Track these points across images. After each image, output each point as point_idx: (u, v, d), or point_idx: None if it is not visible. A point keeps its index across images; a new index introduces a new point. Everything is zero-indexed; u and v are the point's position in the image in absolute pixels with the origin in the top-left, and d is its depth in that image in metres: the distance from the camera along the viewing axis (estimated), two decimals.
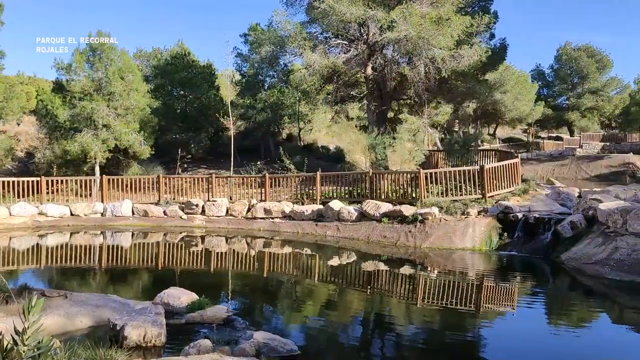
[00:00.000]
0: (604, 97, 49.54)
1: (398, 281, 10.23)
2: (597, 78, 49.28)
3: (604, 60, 49.28)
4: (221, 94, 29.00)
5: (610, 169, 34.08)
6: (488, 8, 22.15)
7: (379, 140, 19.10)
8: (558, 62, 51.06)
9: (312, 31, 21.95)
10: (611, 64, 49.84)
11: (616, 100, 50.17)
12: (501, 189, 14.77)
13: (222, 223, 16.46)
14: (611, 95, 50.29)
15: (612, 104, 50.00)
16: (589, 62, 48.32)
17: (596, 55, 49.16)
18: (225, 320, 6.60)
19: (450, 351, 6.30)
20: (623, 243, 9.99)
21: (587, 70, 48.34)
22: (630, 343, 6.70)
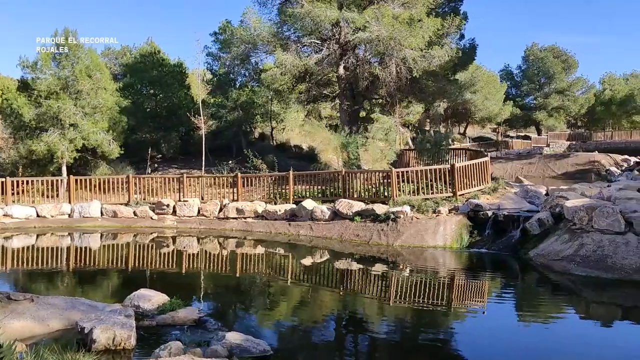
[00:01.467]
0: (570, 97, 50.72)
1: (371, 280, 10.28)
2: (563, 78, 50.44)
3: (569, 60, 50.48)
4: (192, 93, 28.68)
5: (577, 167, 34.90)
6: (458, 9, 22.42)
7: (351, 140, 19.17)
8: (526, 62, 52.10)
9: (284, 30, 21.88)
10: (576, 65, 51.10)
11: (582, 100, 51.44)
12: (471, 188, 14.99)
13: (193, 223, 16.28)
14: (577, 95, 51.52)
15: (578, 103, 51.23)
16: (555, 62, 49.43)
17: (562, 55, 50.33)
18: (197, 321, 6.53)
19: (423, 349, 6.35)
20: (588, 240, 10.23)
21: (554, 70, 49.44)
22: (596, 337, 6.88)
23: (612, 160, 35.62)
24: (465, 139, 50.01)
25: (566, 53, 50.65)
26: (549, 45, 51.08)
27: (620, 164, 34.88)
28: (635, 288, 8.80)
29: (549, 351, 6.20)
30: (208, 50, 29.44)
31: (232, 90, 28.31)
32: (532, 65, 51.02)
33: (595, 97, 51.41)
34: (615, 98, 48.79)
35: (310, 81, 22.55)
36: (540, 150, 40.64)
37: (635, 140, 42.31)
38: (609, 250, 9.75)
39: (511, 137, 53.36)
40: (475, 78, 39.83)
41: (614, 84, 51.48)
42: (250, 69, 25.46)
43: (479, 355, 6.14)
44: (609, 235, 10.05)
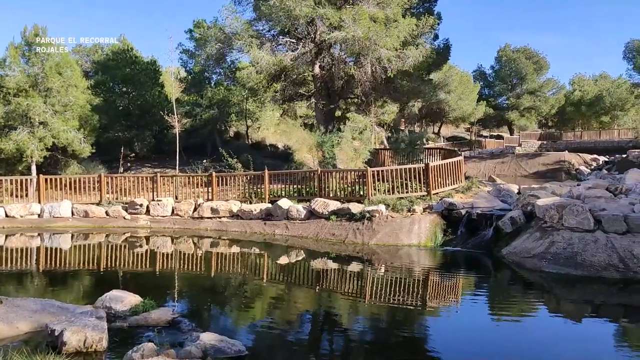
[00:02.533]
0: (541, 97, 51.71)
1: (346, 278, 10.30)
2: (535, 79, 51.40)
3: (540, 62, 51.45)
4: (166, 91, 28.33)
5: (548, 167, 35.56)
6: (432, 9, 22.65)
7: (326, 139, 19.18)
8: (498, 63, 52.92)
9: (260, 28, 21.78)
10: (547, 66, 52.12)
11: (552, 100, 52.50)
12: (445, 187, 15.15)
13: (167, 223, 16.09)
14: (548, 95, 52.57)
15: (549, 104, 52.26)
16: (527, 63, 50.32)
17: (534, 57, 51.26)
18: (171, 322, 6.46)
19: (397, 347, 6.39)
20: (559, 237, 10.43)
21: (525, 71, 50.33)
22: (567, 332, 7.02)
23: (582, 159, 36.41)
24: (440, 138, 50.55)
25: (537, 54, 51.61)
26: (521, 47, 52.01)
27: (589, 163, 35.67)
28: (604, 285, 9.01)
29: (520, 348, 6.31)
30: (183, 47, 29.19)
31: (207, 89, 28.07)
32: (504, 66, 51.83)
33: (566, 98, 52.58)
34: (584, 99, 50.01)
35: (286, 80, 22.50)
36: (512, 150, 41.30)
37: (604, 140, 43.34)
38: (578, 248, 9.95)
39: (484, 136, 54.19)
40: (449, 78, 40.32)
41: (584, 85, 52.76)
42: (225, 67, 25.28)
43: (453, 352, 6.20)
44: (579, 233, 10.25)
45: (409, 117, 45.37)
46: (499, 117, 53.75)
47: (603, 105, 48.65)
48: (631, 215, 9.96)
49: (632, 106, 48.66)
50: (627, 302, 8.35)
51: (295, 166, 21.01)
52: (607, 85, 50.81)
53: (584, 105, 49.84)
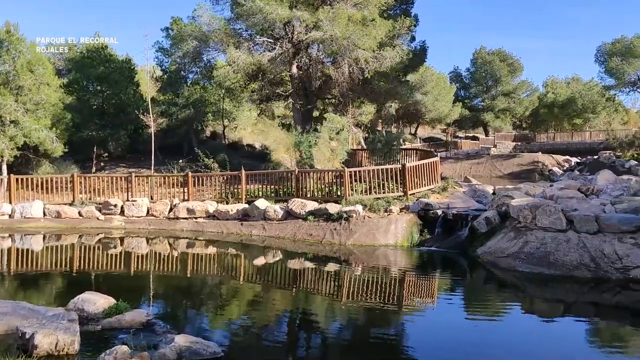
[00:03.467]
0: (515, 99, 52.49)
1: (323, 279, 10.29)
2: (509, 81, 52.14)
3: (515, 64, 52.21)
4: (141, 90, 27.96)
5: (522, 167, 36.15)
6: (409, 11, 22.80)
7: (304, 139, 19.16)
8: (474, 65, 53.54)
9: (237, 28, 21.64)
10: (522, 68, 52.93)
11: (526, 102, 53.35)
12: (422, 187, 15.26)
13: (142, 224, 15.88)
14: (522, 97, 53.37)
15: (523, 105, 53.09)
16: (502, 65, 51.02)
17: (508, 59, 52.00)
18: (145, 324, 6.36)
19: (374, 346, 6.41)
20: (532, 237, 10.59)
21: (500, 73, 51.02)
22: (540, 331, 7.12)
23: (555, 160, 37.11)
24: (416, 139, 50.94)
25: (512, 57, 52.36)
26: (496, 49, 52.68)
27: (562, 164, 36.37)
28: (575, 284, 9.17)
29: (494, 346, 6.39)
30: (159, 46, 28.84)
31: (184, 88, 27.78)
32: (480, 68, 52.47)
33: (539, 100, 53.51)
34: (557, 101, 50.97)
35: (263, 80, 22.42)
36: (487, 151, 41.84)
37: (576, 141, 44.21)
38: (551, 247, 10.11)
39: (460, 137, 54.74)
40: (426, 79, 40.68)
41: (557, 88, 53.77)
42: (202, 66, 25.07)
43: (429, 351, 6.24)
44: (552, 232, 10.42)
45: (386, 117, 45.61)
46: (474, 119, 54.40)
47: (575, 108, 49.62)
48: (602, 215, 10.17)
49: (603, 109, 49.73)
50: (598, 301, 8.52)
51: (272, 166, 20.95)
52: (579, 87, 51.86)
53: (556, 108, 50.77)
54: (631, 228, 9.68)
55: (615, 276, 9.11)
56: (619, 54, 36.70)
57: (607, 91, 43.26)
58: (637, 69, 36.14)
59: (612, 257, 9.40)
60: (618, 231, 9.78)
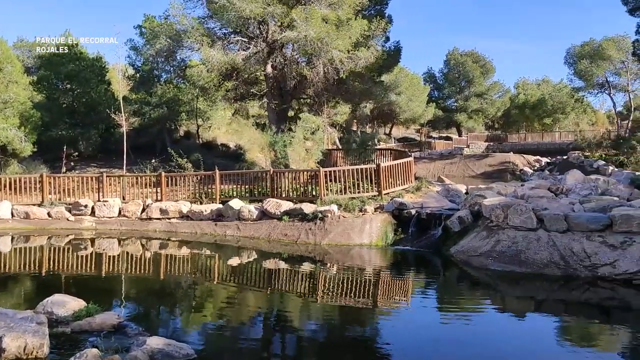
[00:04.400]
0: (487, 100, 53.27)
1: (298, 279, 10.27)
2: (482, 82, 52.90)
3: (487, 65, 53.00)
4: (113, 89, 27.48)
5: (494, 167, 36.67)
6: (383, 12, 22.92)
7: (279, 139, 19.10)
8: (447, 66, 54.16)
9: (211, 26, 21.44)
10: (494, 69, 53.73)
11: (498, 103, 54.20)
12: (396, 187, 15.37)
13: (114, 224, 15.61)
14: (494, 98, 54.19)
15: (495, 106, 53.92)
16: (474, 67, 51.74)
17: (480, 60, 52.76)
18: (116, 326, 6.26)
19: (349, 346, 6.42)
20: (504, 236, 10.75)
21: (473, 74, 51.73)
22: (511, 328, 7.25)
23: (526, 160, 37.75)
24: (391, 139, 51.30)
25: (484, 58, 53.13)
26: (469, 50, 53.40)
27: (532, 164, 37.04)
28: (546, 281, 9.35)
29: (467, 344, 6.46)
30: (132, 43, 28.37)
31: (157, 87, 27.39)
32: (453, 69, 53.09)
33: (511, 101, 54.45)
34: (528, 102, 51.98)
35: (238, 79, 22.27)
36: (460, 151, 42.32)
37: (546, 142, 45.06)
38: (522, 246, 10.29)
39: (434, 137, 55.34)
40: (400, 80, 40.95)
41: (527, 89, 54.84)
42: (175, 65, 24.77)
43: (404, 349, 6.28)
44: (523, 231, 10.61)
45: (361, 118, 45.83)
46: (448, 119, 55.03)
47: (545, 109, 50.64)
48: (571, 214, 10.39)
49: (572, 110, 50.85)
50: (567, 298, 8.70)
51: (247, 166, 20.83)
52: (549, 89, 52.96)
53: (527, 108, 51.74)
54: (599, 227, 9.91)
55: (584, 274, 9.32)
56: (587, 57, 37.51)
57: (576, 93, 44.20)
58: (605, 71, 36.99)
59: (581, 255, 9.60)
60: (586, 230, 10.01)
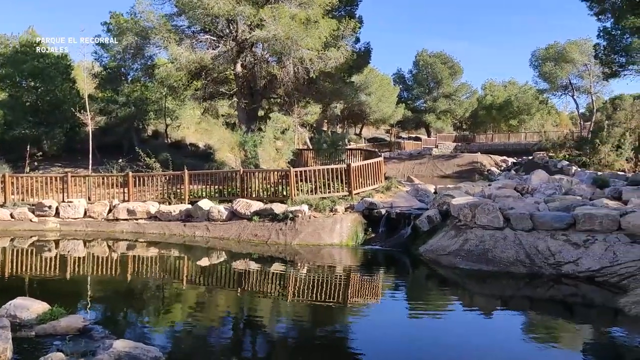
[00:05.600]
0: (455, 101, 54.05)
1: (268, 279, 10.23)
2: (450, 83, 53.63)
3: (455, 67, 53.74)
4: (78, 87, 26.86)
5: (462, 167, 37.27)
6: (353, 13, 23.02)
7: (249, 138, 18.98)
8: (416, 67, 54.73)
9: (179, 24, 21.15)
10: (461, 71, 54.53)
11: (466, 104, 55.05)
12: (366, 187, 15.45)
13: (79, 226, 15.26)
14: (462, 99, 55.00)
15: (463, 107, 54.75)
16: (443, 68, 52.42)
17: (449, 62, 53.47)
18: (82, 330, 6.12)
19: (320, 345, 6.43)
20: (472, 235, 10.93)
21: (441, 75, 52.40)
22: (479, 325, 7.37)
23: (493, 160, 38.50)
24: (361, 139, 51.57)
25: (452, 60, 53.86)
26: (437, 52, 54.05)
27: (499, 164, 37.79)
28: (512, 279, 9.54)
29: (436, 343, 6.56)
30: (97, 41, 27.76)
31: (124, 85, 26.89)
32: (422, 70, 53.67)
33: (478, 102, 55.40)
34: (495, 103, 52.97)
35: (207, 78, 22.05)
36: (429, 151, 42.87)
37: (512, 142, 46.01)
38: (489, 245, 10.48)
39: (403, 138, 55.86)
40: (370, 81, 41.25)
41: (494, 90, 55.86)
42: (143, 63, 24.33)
43: (374, 348, 6.32)
44: (490, 230, 10.80)
45: (332, 118, 45.93)
46: (417, 120, 55.64)
47: (511, 110, 51.70)
48: (536, 213, 10.64)
49: (537, 111, 52.05)
50: (532, 295, 8.89)
51: (216, 166, 20.64)
52: (515, 90, 54.07)
53: (494, 109, 52.72)
54: (563, 225, 10.18)
55: (549, 271, 9.55)
56: (552, 59, 38.43)
57: (541, 94, 45.24)
58: (568, 73, 37.96)
59: (546, 254, 9.84)
60: (551, 228, 10.26)
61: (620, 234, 9.67)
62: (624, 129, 26.81)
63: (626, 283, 8.53)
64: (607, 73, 29.30)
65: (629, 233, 9.56)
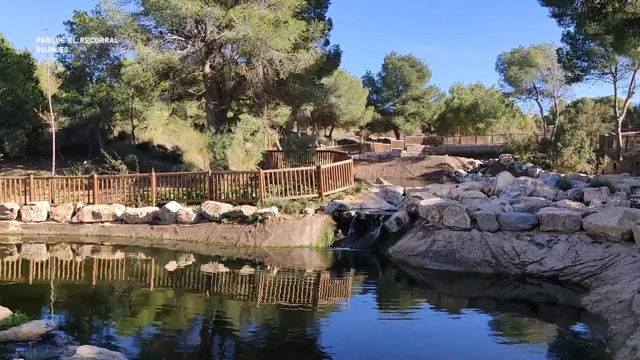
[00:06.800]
0: (424, 103, 54.69)
1: (238, 282, 10.15)
2: (418, 86, 54.21)
3: (423, 70, 54.38)
4: (41, 87, 26.17)
5: (430, 169, 37.78)
6: (323, 15, 23.07)
7: (218, 140, 18.79)
8: (385, 70, 55.16)
9: (146, 24, 20.79)
10: (430, 74, 55.21)
11: (434, 106, 55.80)
12: (336, 188, 15.49)
13: (42, 229, 14.87)
14: (430, 102, 55.71)
15: (431, 110, 55.45)
16: (411, 71, 52.98)
17: (417, 65, 54.07)
18: (45, 336, 5.94)
19: (290, 347, 6.40)
20: (440, 236, 11.08)
21: (410, 78, 52.93)
22: (447, 325, 7.46)
23: (460, 162, 39.15)
24: (331, 141, 51.72)
25: (421, 63, 54.49)
26: (406, 55, 54.60)
27: (466, 166, 38.45)
28: (478, 279, 9.70)
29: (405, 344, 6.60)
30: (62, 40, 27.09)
31: (89, 85, 26.31)
32: (390, 73, 54.12)
33: (446, 105, 56.25)
34: (462, 106, 53.88)
35: (175, 79, 21.75)
36: (398, 153, 43.29)
37: (479, 144, 46.85)
38: (457, 245, 10.63)
39: (373, 140, 56.24)
40: (339, 83, 41.41)
41: (462, 93, 56.77)
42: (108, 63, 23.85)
43: (344, 349, 6.34)
44: (457, 231, 10.97)
45: (302, 120, 45.96)
46: (386, 122, 56.09)
47: (478, 113, 52.66)
48: (502, 214, 10.84)
49: (503, 114, 53.13)
50: (499, 295, 9.06)
51: (184, 168, 20.37)
52: (482, 94, 55.09)
53: (462, 112, 53.63)
54: (527, 226, 10.41)
55: (514, 271, 9.74)
56: (516, 63, 39.29)
57: (507, 98, 46.17)
58: (532, 77, 38.87)
59: (511, 254, 10.04)
60: (516, 229, 10.48)
61: (582, 234, 9.95)
62: (586, 131, 27.59)
63: (588, 282, 8.77)
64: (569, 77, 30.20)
65: (590, 233, 9.85)
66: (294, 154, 21.54)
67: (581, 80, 29.89)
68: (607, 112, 31.64)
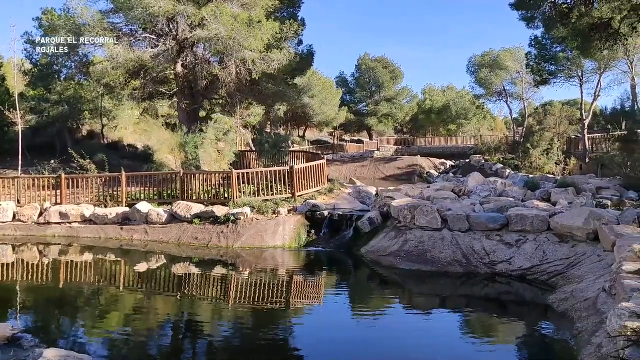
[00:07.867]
0: (397, 105, 55.11)
1: (209, 283, 10.07)
2: (391, 87, 54.62)
3: (396, 71, 54.82)
4: (7, 84, 25.50)
5: (403, 170, 38.11)
6: (296, 15, 23.05)
7: (189, 139, 18.59)
8: (358, 71, 55.42)
9: (117, 22, 20.41)
10: (402, 75, 55.68)
11: (407, 108, 56.30)
12: (309, 189, 15.50)
13: (8, 230, 14.49)
14: (403, 103, 56.18)
15: (404, 111, 55.94)
16: (384, 72, 53.35)
17: (390, 67, 54.48)
18: (11, 339, 5.80)
19: (263, 348, 6.38)
20: (412, 236, 11.19)
21: (383, 80, 53.29)
22: (418, 325, 7.55)
23: (432, 163, 39.59)
24: (305, 141, 51.69)
25: (393, 64, 54.91)
26: (379, 56, 54.94)
27: (438, 167, 38.89)
28: (449, 279, 9.83)
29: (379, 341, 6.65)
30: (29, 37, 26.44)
31: (57, 83, 25.74)
32: (364, 74, 54.40)
33: (418, 106, 56.80)
34: (434, 107, 54.48)
35: (146, 77, 21.42)
36: (371, 154, 43.55)
37: (451, 145, 47.50)
38: (428, 245, 10.75)
39: (346, 141, 56.44)
40: (313, 83, 41.41)
41: (434, 95, 57.39)
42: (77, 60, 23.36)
43: (316, 350, 6.35)
44: (429, 231, 11.09)
45: (275, 120, 45.79)
46: (359, 123, 56.35)
47: (450, 114, 53.34)
48: (472, 214, 11.01)
49: (474, 116, 53.94)
50: (469, 294, 9.19)
51: (155, 167, 20.09)
52: (453, 95, 55.79)
53: (433, 114, 54.23)
54: (497, 226, 10.60)
55: (484, 271, 9.90)
56: (487, 66, 39.90)
57: (477, 100, 46.87)
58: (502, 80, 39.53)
59: (481, 253, 10.20)
60: (486, 229, 10.66)
61: (550, 234, 10.17)
62: (554, 133, 28.22)
63: (555, 281, 8.97)
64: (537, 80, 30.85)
65: (557, 233, 10.07)
66: (267, 154, 21.47)
67: (549, 83, 30.58)
68: (574, 115, 32.41)
